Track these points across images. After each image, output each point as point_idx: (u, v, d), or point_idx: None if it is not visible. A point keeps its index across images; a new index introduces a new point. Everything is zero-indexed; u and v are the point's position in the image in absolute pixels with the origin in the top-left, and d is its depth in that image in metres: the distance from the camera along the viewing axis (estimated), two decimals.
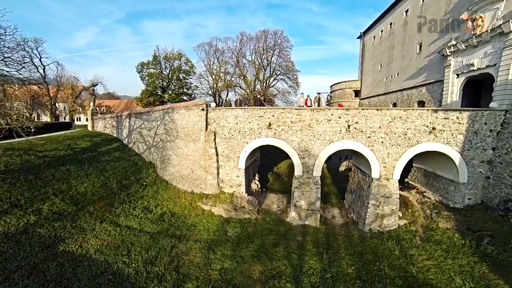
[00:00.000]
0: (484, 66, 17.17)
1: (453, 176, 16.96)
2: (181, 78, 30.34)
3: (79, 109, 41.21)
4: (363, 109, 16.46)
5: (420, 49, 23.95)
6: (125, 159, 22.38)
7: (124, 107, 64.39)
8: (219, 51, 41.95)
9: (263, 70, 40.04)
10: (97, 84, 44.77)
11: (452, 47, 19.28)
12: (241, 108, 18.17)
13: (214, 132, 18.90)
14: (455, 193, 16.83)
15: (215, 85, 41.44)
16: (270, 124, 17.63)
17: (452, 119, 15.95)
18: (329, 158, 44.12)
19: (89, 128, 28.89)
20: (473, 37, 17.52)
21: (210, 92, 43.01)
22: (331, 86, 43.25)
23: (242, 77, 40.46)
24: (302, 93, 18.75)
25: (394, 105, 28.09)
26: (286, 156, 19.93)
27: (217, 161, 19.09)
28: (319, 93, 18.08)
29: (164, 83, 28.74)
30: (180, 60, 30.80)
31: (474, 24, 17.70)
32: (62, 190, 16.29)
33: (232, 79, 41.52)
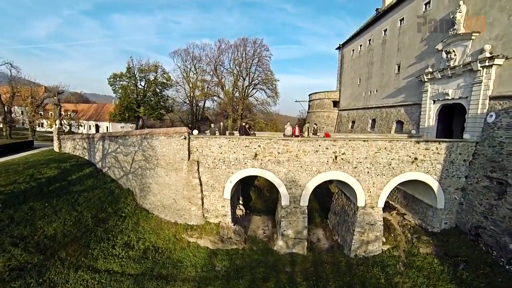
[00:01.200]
0: (458, 97, 18.20)
1: (431, 202, 17.89)
2: (158, 91, 28.73)
3: (41, 120, 37.55)
4: (350, 140, 16.70)
5: (399, 70, 24.86)
6: (100, 187, 20.79)
7: (94, 113, 60.12)
8: (196, 58, 40.60)
9: (242, 79, 39.41)
10: (63, 91, 41.30)
11: (429, 74, 20.13)
12: (226, 138, 17.61)
13: (197, 161, 18.17)
14: (433, 218, 17.80)
15: (192, 93, 40.06)
16: (256, 155, 17.30)
17: (432, 150, 16.74)
18: None
19: (55, 149, 26.13)
20: (448, 68, 18.40)
21: (187, 101, 41.56)
22: (309, 95, 43.79)
23: (220, 86, 39.53)
24: (288, 121, 18.56)
25: (373, 121, 29.05)
26: None
27: (201, 191, 18.45)
28: (308, 122, 17.99)
29: (140, 97, 27.05)
30: (156, 73, 29.15)
31: (448, 56, 18.56)
32: (24, 236, 14.44)
33: (210, 87, 40.45)
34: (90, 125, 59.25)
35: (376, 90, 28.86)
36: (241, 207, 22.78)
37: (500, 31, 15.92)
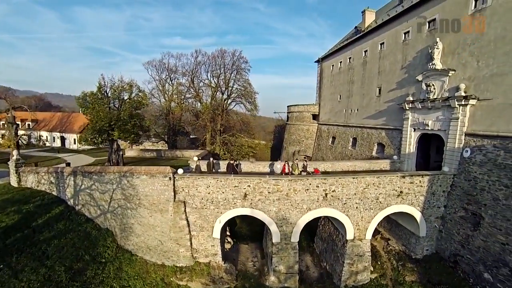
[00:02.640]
0: (437, 129, 19.36)
1: (414, 230, 18.97)
2: (133, 112, 27.07)
3: None
4: (340, 178, 17.05)
5: (380, 93, 25.79)
6: (74, 229, 19.13)
7: (58, 123, 55.31)
8: (172, 69, 38.92)
9: (221, 92, 38.52)
10: (18, 107, 37.55)
11: (410, 103, 21.08)
12: (214, 178, 17.15)
13: (184, 202, 17.54)
14: (416, 245, 18.92)
15: (168, 106, 38.49)
16: (246, 195, 17.09)
17: (416, 183, 17.69)
18: None
19: (13, 183, 22.95)
20: (428, 101, 19.39)
21: (163, 114, 39.88)
22: (288, 107, 44.23)
23: (198, 100, 38.36)
24: (279, 159, 18.45)
25: (354, 140, 30.00)
26: None
27: (189, 232, 17.92)
28: (297, 159, 18.03)
29: (113, 120, 25.30)
30: (131, 92, 27.45)
31: (428, 89, 19.54)
32: None
33: (187, 99, 39.14)
34: (54, 137, 54.57)
35: (357, 109, 29.77)
36: (229, 239, 22.51)
37: (471, 73, 17.10)
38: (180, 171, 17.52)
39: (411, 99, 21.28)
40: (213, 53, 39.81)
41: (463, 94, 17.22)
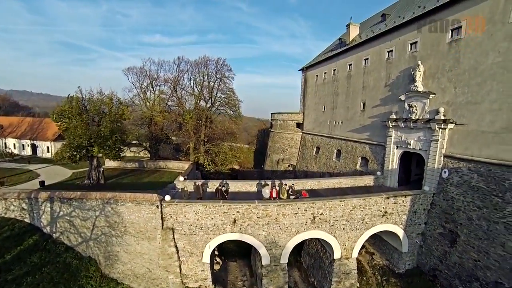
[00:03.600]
0: (418, 149, 20.48)
1: (397, 245, 20.11)
2: (115, 127, 26.11)
3: None
4: (328, 201, 17.64)
5: (364, 108, 26.72)
6: (51, 262, 18.19)
7: (29, 129, 51.79)
8: (153, 77, 37.86)
9: (204, 102, 37.99)
10: None
11: (393, 121, 22.03)
12: (202, 204, 17.20)
13: (172, 229, 17.45)
14: (399, 261, 20.08)
15: (150, 115, 37.54)
16: (235, 220, 17.32)
17: (399, 203, 18.72)
18: None
19: None
20: (411, 121, 20.41)
21: (145, 122, 38.85)
22: (272, 114, 44.70)
23: (180, 108, 37.67)
24: (267, 184, 18.74)
25: (339, 151, 30.94)
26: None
27: (178, 258, 17.89)
28: (285, 184, 18.43)
29: (93, 137, 24.35)
30: (112, 105, 26.45)
31: (410, 109, 20.55)
32: None
33: (170, 107, 38.30)
34: (23, 145, 51.24)
35: (342, 122, 30.66)
36: (218, 259, 22.65)
37: (449, 99, 18.25)
38: (167, 197, 17.34)
39: (394, 117, 22.29)
40: (196, 61, 39.32)
41: (442, 117, 18.33)
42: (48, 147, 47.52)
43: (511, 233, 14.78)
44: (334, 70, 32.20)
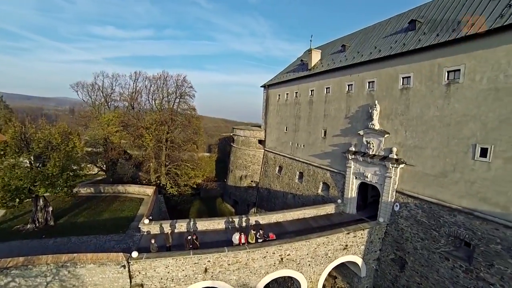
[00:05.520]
0: (374, 182, 23.02)
1: (357, 271, 22.79)
2: (65, 163, 23.94)
3: None
4: (294, 243, 19.06)
5: (325, 135, 28.81)
6: None
7: None
8: (107, 92, 35.24)
9: (165, 125, 36.57)
10: None
11: (353, 154, 24.23)
12: (172, 258, 17.28)
13: (142, 284, 17.27)
14: (359, 284, 22.85)
15: (105, 134, 35.20)
16: (206, 269, 17.85)
17: (359, 236, 21.09)
18: (236, 202, 47.14)
19: None
20: (368, 156, 22.74)
21: (99, 143, 36.32)
22: (233, 129, 45.32)
23: (138, 126, 35.91)
24: (237, 231, 19.45)
25: (301, 174, 33.00)
26: None
27: None
28: (253, 230, 19.33)
29: (38, 178, 22.11)
30: (60, 140, 24.12)
31: (368, 145, 22.84)
32: None
33: (128, 125, 36.30)
34: None
35: (304, 145, 32.61)
36: None
37: (401, 140, 20.88)
38: (134, 254, 17.00)
39: (354, 149, 24.62)
40: (154, 75, 37.57)
41: (395, 157, 20.95)
42: None
43: (443, 261, 18.05)
44: (296, 92, 33.79)
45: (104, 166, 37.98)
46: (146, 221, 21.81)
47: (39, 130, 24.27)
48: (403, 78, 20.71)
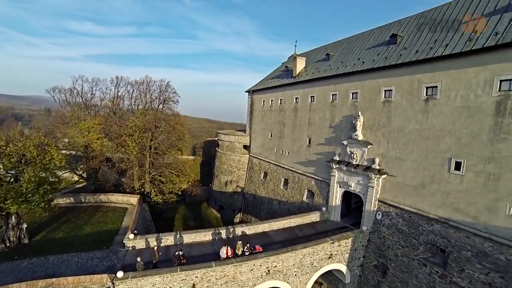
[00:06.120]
0: (358, 191, 23.86)
1: (341, 278, 23.66)
2: (41, 177, 22.87)
3: None
4: (280, 254, 19.51)
5: (310, 143, 29.44)
6: None
7: None
8: (86, 97, 34.07)
9: (148, 132, 35.91)
10: None
11: (337, 163, 24.94)
12: (159, 276, 17.23)
13: None
14: None
15: (86, 143, 34.10)
16: (194, 285, 17.92)
17: (343, 245, 21.88)
18: (222, 208, 47.22)
19: None
20: (351, 166, 23.52)
21: (80, 150, 35.10)
22: (218, 133, 45.30)
23: (121, 133, 35.06)
24: (224, 245, 19.57)
25: (286, 180, 33.59)
26: None
27: None
28: (240, 241, 19.57)
29: (10, 195, 20.93)
30: (35, 153, 22.95)
31: (351, 155, 23.61)
32: None
33: (109, 131, 35.34)
34: None
35: (288, 152, 33.19)
36: None
37: (383, 151, 21.77)
38: (119, 274, 16.79)
39: (338, 159, 25.37)
40: (137, 81, 36.72)
41: (377, 167, 21.84)
42: None
43: (422, 267, 19.23)
44: (281, 99, 34.25)
45: (85, 174, 36.80)
46: (131, 236, 21.52)
47: (10, 142, 23.01)
48: (385, 90, 21.60)
